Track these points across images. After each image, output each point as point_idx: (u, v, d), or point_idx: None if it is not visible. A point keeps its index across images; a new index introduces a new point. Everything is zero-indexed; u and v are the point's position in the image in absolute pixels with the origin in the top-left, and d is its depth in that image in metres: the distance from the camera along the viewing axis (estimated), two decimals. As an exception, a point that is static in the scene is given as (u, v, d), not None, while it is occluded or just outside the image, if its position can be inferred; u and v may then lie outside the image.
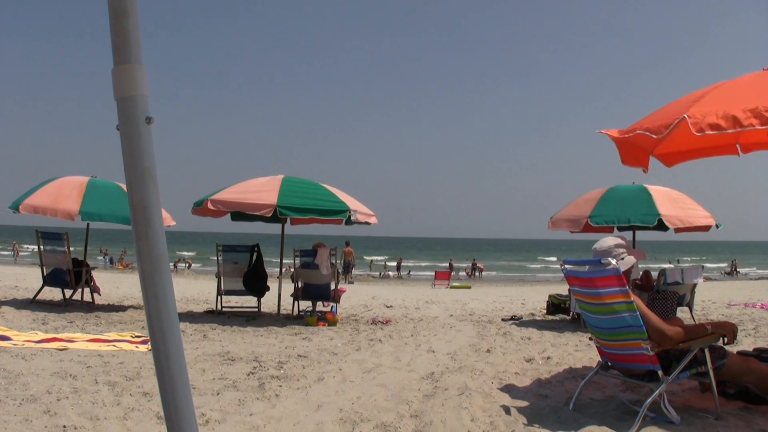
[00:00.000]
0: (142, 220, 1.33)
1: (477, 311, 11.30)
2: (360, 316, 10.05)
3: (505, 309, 11.90)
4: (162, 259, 1.33)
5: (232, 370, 5.18)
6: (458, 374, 5.22)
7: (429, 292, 18.93)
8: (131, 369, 5.06)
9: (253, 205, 8.40)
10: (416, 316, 10.11)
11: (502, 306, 12.65)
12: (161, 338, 1.31)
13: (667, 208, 8.59)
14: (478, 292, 18.82)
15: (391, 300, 13.87)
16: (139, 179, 1.34)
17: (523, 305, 12.83)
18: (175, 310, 1.34)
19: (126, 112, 1.35)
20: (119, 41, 1.34)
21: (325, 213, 8.71)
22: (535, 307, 12.17)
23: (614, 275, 3.72)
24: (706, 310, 11.14)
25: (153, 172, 1.35)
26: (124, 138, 1.35)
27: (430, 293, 17.78)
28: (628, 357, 3.86)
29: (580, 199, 9.43)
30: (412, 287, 22.77)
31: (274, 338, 7.17)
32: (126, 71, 1.35)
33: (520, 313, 10.84)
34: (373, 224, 9.42)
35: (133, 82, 1.35)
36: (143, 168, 1.34)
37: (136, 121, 1.34)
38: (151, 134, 1.37)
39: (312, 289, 9.16)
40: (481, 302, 13.80)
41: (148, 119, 1.36)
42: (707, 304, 12.42)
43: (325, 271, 8.99)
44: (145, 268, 1.33)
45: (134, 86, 1.35)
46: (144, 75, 1.36)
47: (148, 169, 1.34)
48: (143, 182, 1.34)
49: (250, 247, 9.73)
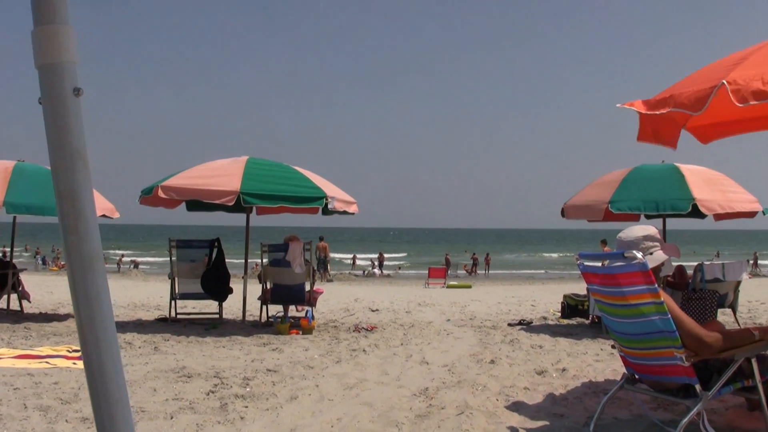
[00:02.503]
0: (71, 210, 1.31)
1: (479, 315, 11.33)
2: (340, 321, 10.06)
3: (512, 312, 11.92)
4: (95, 257, 1.32)
5: (189, 389, 5.18)
6: (457, 390, 5.25)
7: (422, 292, 18.99)
8: (67, 390, 5.03)
9: (212, 192, 8.39)
10: (407, 322, 10.12)
11: (509, 308, 12.70)
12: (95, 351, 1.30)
13: (703, 191, 8.53)
14: (480, 292, 18.90)
15: (377, 302, 13.90)
16: (67, 162, 1.32)
17: (533, 307, 12.89)
18: (111, 317, 1.33)
19: (49, 82, 1.33)
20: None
21: (298, 200, 8.71)
22: (547, 309, 12.21)
23: (640, 271, 3.69)
24: (753, 312, 11.25)
25: (83, 154, 1.33)
26: (47, 113, 1.33)
27: (423, 294, 17.84)
28: (658, 368, 3.86)
29: (598, 182, 9.43)
30: (402, 287, 22.83)
31: (238, 350, 7.17)
32: (49, 33, 1.32)
33: (530, 316, 10.87)
34: (355, 213, 9.45)
35: (58, 46, 1.32)
36: (71, 149, 1.32)
37: (61, 92, 1.32)
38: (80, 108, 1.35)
39: (283, 291, 9.17)
40: (483, 304, 13.85)
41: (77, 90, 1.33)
42: (754, 305, 12.54)
43: (298, 269, 8.99)
44: (75, 268, 1.31)
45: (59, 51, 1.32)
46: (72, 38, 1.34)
47: (77, 150, 1.32)
48: (71, 165, 1.32)
49: (210, 242, 9.73)
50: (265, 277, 9.30)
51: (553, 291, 18.60)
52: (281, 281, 9.13)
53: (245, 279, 9.49)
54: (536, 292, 18.37)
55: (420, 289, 21.01)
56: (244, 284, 9.41)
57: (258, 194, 8.42)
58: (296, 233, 9.49)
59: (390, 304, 13.41)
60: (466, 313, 11.72)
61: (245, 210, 9.62)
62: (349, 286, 22.14)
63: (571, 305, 10.36)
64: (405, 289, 21.20)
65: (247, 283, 9.51)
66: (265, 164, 9.18)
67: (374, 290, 19.45)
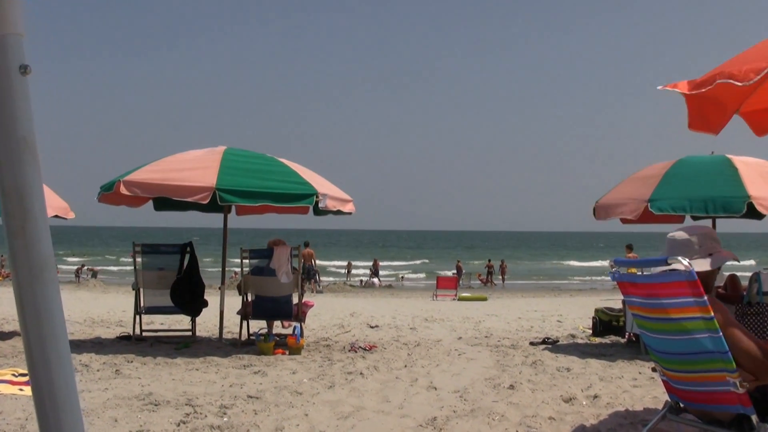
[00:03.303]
0: (17, 210, 1.30)
1: (496, 332, 11.38)
2: (334, 340, 10.08)
3: (535, 329, 11.98)
4: (45, 265, 1.31)
5: (157, 419, 5.18)
6: (470, 420, 5.25)
7: (429, 305, 19.02)
8: (13, 421, 5.03)
9: (183, 188, 8.40)
10: (411, 340, 10.16)
11: (531, 324, 12.75)
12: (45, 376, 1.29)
13: (760, 187, 8.43)
14: (497, 306, 18.90)
15: (377, 317, 13.96)
16: (12, 153, 1.31)
17: (559, 323, 12.95)
18: (65, 335, 1.33)
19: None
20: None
21: (285, 198, 8.71)
22: (575, 325, 12.29)
23: (686, 280, 3.66)
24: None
25: (31, 143, 1.32)
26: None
27: (431, 307, 17.87)
28: (707, 395, 3.84)
29: (636, 176, 9.43)
30: (406, 299, 22.86)
31: (214, 373, 7.19)
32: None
33: (556, 334, 10.92)
34: (351, 213, 9.49)
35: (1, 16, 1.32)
36: (17, 138, 1.31)
37: (5, 70, 1.31)
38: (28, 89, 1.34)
39: (267, 304, 9.15)
40: (501, 319, 13.89)
41: (24, 68, 1.33)
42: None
43: (284, 278, 9.00)
44: (22, 278, 1.30)
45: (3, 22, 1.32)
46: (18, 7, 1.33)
47: (23, 139, 1.32)
48: (17, 157, 1.31)
49: (181, 246, 9.71)
50: (246, 288, 9.27)
51: (583, 304, 18.61)
52: (264, 293, 9.11)
53: (222, 290, 9.52)
54: (563, 306, 18.40)
55: (427, 302, 21.03)
56: (222, 296, 9.43)
57: (237, 191, 8.42)
58: (282, 236, 9.49)
59: (392, 320, 13.42)
60: (481, 329, 11.75)
61: (222, 209, 9.64)
62: (344, 299, 22.14)
63: (604, 321, 10.36)
64: (409, 301, 21.22)
65: (225, 295, 9.52)
66: (245, 156, 9.19)
67: (373, 303, 19.47)
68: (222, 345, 9.19)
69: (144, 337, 9.61)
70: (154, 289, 9.58)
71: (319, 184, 8.98)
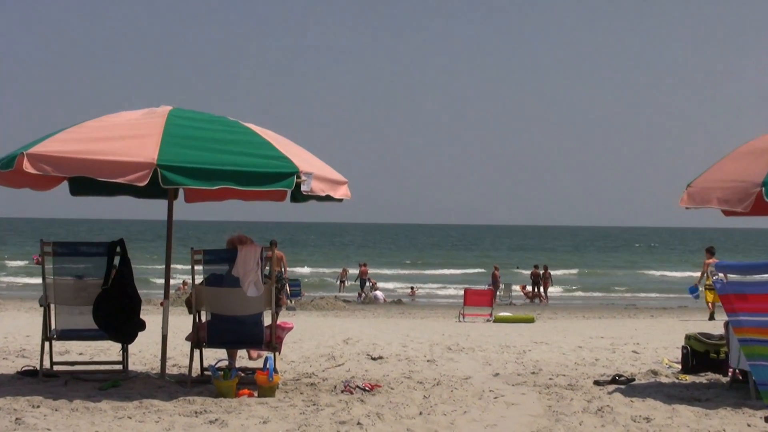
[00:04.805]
0: None
1: (547, 366, 11.36)
2: (321, 376, 10.09)
3: (601, 361, 11.95)
4: None
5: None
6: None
7: (454, 328, 18.95)
8: None
9: (112, 164, 8.35)
10: (429, 377, 10.13)
11: (595, 356, 12.71)
12: None
13: None
14: (549, 329, 18.85)
15: (381, 345, 13.93)
16: None
17: (635, 355, 12.88)
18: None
19: None
20: None
21: (254, 179, 8.65)
22: (658, 358, 12.19)
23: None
24: None
25: None
26: None
27: (457, 331, 17.80)
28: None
29: (740, 151, 9.48)
30: (421, 320, 22.81)
31: (154, 422, 7.14)
32: None
33: (631, 369, 10.85)
34: (344, 200, 9.50)
35: None
36: None
37: None
38: None
39: (228, 327, 9.21)
40: (553, 348, 13.88)
41: None
42: None
43: (252, 290, 8.94)
44: None
45: None
46: None
47: None
48: None
49: (108, 246, 9.62)
50: (199, 304, 9.22)
51: (669, 328, 18.49)
52: (225, 310, 9.11)
53: (166, 306, 9.48)
54: (641, 330, 18.28)
55: (451, 324, 20.92)
56: (165, 315, 9.36)
57: (187, 168, 8.36)
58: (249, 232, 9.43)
59: (401, 348, 13.37)
60: (526, 363, 11.70)
61: (166, 194, 9.60)
62: (336, 319, 22.00)
63: (699, 352, 10.32)
64: (426, 323, 21.10)
65: (170, 314, 9.47)
66: (199, 119, 9.18)
67: (375, 325, 19.40)
68: (165, 383, 9.15)
69: (56, 373, 9.57)
70: (70, 305, 9.50)
71: (301, 160, 8.87)
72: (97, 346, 10.41)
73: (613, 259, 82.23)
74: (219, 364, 9.31)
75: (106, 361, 10.08)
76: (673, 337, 14.54)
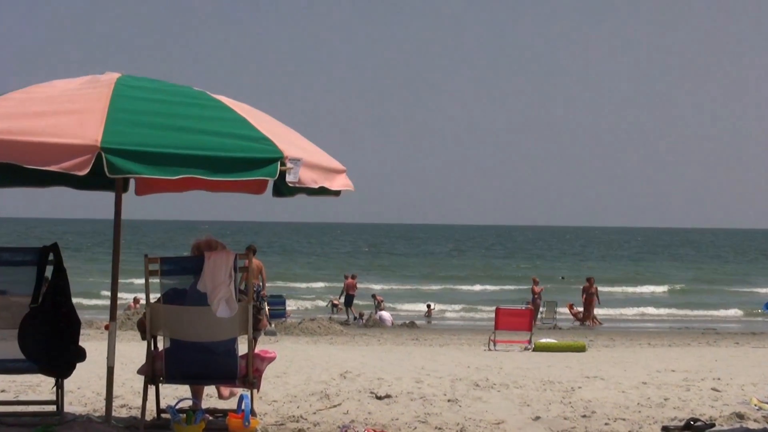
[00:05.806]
0: None
1: (602, 408, 11.48)
2: (310, 420, 10.20)
3: (672, 401, 12.14)
4: None
5: None
6: None
7: (482, 359, 19.18)
8: None
9: (43, 147, 8.15)
10: (450, 421, 10.28)
11: (664, 395, 12.78)
12: None
13: None
14: (604, 360, 19.09)
15: (389, 380, 14.01)
16: None
17: (716, 393, 13.01)
18: None
19: None
20: None
21: (226, 166, 8.48)
22: (745, 396, 12.39)
23: None
24: None
25: None
26: None
27: (486, 362, 17.93)
28: None
29: None
30: (440, 348, 23.06)
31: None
32: None
33: (710, 412, 11.00)
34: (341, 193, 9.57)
35: None
36: None
37: None
38: None
39: (192, 356, 9.19)
40: (610, 385, 13.96)
41: None
42: None
43: (223, 309, 8.89)
44: None
45: None
46: None
47: None
48: None
49: (38, 252, 9.46)
50: (155, 328, 9.09)
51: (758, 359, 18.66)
52: (188, 335, 9.12)
53: (113, 330, 9.37)
54: (722, 362, 18.43)
55: (478, 353, 21.18)
56: (111, 342, 9.14)
57: (139, 153, 8.09)
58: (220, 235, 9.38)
59: (414, 385, 13.38)
60: (576, 403, 11.74)
61: (113, 186, 9.42)
62: (331, 346, 22.25)
63: (798, 389, 10.21)
64: (445, 352, 21.21)
65: (117, 340, 9.39)
66: (154, 90, 9.01)
67: (381, 355, 19.60)
68: (110, 429, 9.02)
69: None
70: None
71: (287, 142, 8.50)
72: (24, 381, 10.27)
73: (688, 269, 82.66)
74: (180, 405, 9.14)
75: (35, 401, 9.79)
76: (764, 370, 14.52)
